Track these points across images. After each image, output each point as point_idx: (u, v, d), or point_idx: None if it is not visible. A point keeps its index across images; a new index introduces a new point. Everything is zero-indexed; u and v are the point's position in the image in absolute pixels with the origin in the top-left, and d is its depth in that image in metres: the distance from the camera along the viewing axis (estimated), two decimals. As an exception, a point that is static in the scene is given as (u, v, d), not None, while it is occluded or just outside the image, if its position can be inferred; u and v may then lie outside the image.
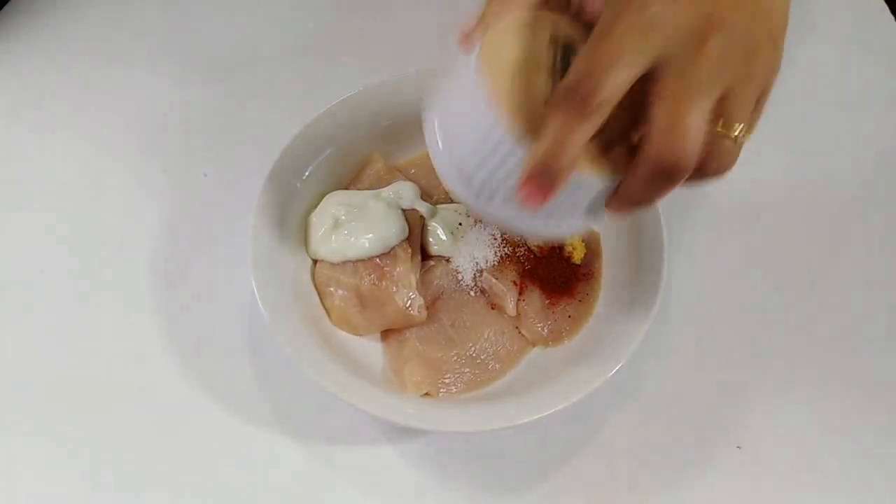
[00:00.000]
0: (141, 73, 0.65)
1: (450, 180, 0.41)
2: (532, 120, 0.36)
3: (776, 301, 0.57)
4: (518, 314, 0.53)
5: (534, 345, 0.53)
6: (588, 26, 0.39)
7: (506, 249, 0.54)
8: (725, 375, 0.54)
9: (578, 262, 0.54)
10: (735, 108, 0.36)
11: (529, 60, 0.38)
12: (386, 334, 0.53)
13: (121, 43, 0.67)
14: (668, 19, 0.34)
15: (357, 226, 0.53)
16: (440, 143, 0.41)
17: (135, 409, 0.51)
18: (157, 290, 0.55)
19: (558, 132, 0.35)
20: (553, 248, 0.54)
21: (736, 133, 0.36)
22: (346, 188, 0.57)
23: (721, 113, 0.35)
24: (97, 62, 0.66)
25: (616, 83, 0.34)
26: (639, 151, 0.36)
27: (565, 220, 0.41)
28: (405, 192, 0.55)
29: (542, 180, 0.36)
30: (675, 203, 0.58)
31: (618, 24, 0.34)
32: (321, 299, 0.52)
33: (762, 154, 0.64)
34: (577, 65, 0.35)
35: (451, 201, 0.57)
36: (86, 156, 0.61)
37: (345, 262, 0.53)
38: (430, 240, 0.54)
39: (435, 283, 0.53)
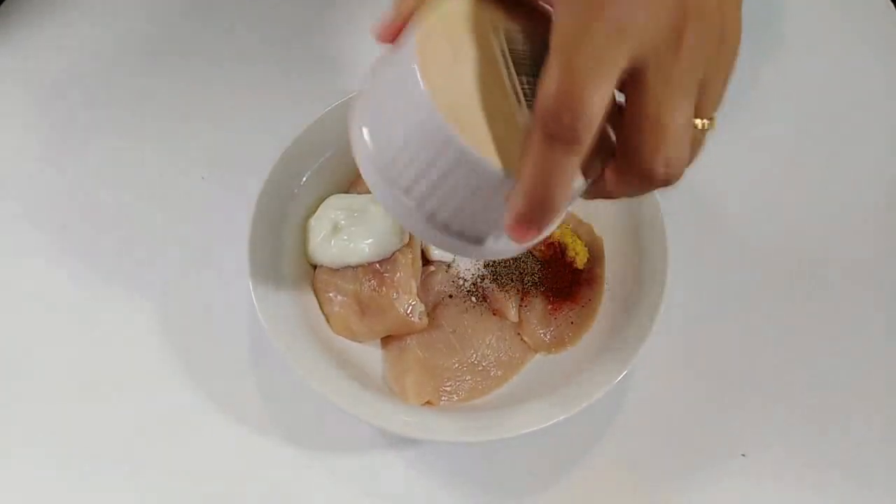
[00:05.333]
0: (140, 74, 0.64)
1: (378, 190, 0.36)
2: (497, 140, 0.33)
3: (783, 307, 0.56)
4: (520, 320, 0.52)
5: (536, 351, 0.52)
6: (526, 8, 0.36)
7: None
8: (730, 383, 0.54)
9: (581, 267, 0.54)
10: (709, 100, 0.34)
11: (478, 62, 0.34)
12: (386, 341, 0.52)
13: (120, 43, 0.66)
14: (642, 18, 0.31)
15: (357, 231, 0.52)
16: (369, 147, 0.35)
17: (133, 414, 0.51)
18: (154, 295, 0.54)
19: (548, 166, 0.31)
20: (556, 252, 0.54)
21: (705, 125, 0.34)
22: (346, 192, 0.56)
23: (697, 106, 0.33)
24: (96, 62, 0.65)
25: (599, 100, 0.30)
26: (619, 160, 0.33)
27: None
28: (406, 197, 0.54)
29: (535, 219, 0.33)
30: (678, 206, 0.58)
31: (588, 32, 0.30)
32: (320, 305, 0.52)
33: (766, 155, 0.64)
34: (551, 84, 0.30)
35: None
36: (83, 157, 0.60)
37: (344, 268, 0.52)
38: (431, 245, 0.54)
39: (436, 289, 0.53)
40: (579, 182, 0.34)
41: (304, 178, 0.54)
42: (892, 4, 0.72)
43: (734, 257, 0.58)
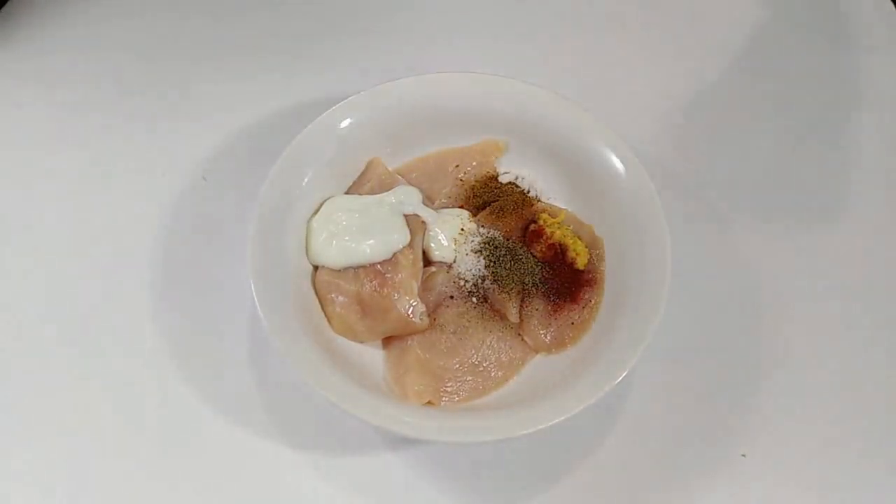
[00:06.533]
0: (141, 74, 0.65)
1: None
2: None
3: (782, 307, 0.57)
4: (521, 321, 0.52)
5: (536, 352, 0.52)
6: None
7: (508, 255, 0.54)
8: (730, 382, 0.54)
9: (582, 267, 0.54)
10: None
11: None
12: (387, 341, 0.52)
13: (121, 44, 0.66)
14: None
15: (358, 231, 0.52)
16: None
17: (132, 414, 0.51)
18: (155, 296, 0.55)
19: None
20: (556, 253, 0.54)
21: None
22: (347, 193, 0.56)
23: None
24: (97, 63, 0.65)
25: None
26: None
27: None
28: (407, 197, 0.54)
29: None
30: (678, 205, 0.58)
31: None
32: (322, 306, 0.52)
33: (768, 155, 0.64)
34: None
35: (453, 206, 0.57)
36: (84, 158, 0.60)
37: (346, 269, 0.52)
38: (432, 245, 0.54)
39: (437, 289, 0.53)
40: None
41: (306, 179, 0.54)
42: (892, 4, 0.72)
43: (735, 258, 0.58)
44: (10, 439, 0.50)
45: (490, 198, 0.56)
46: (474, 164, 0.58)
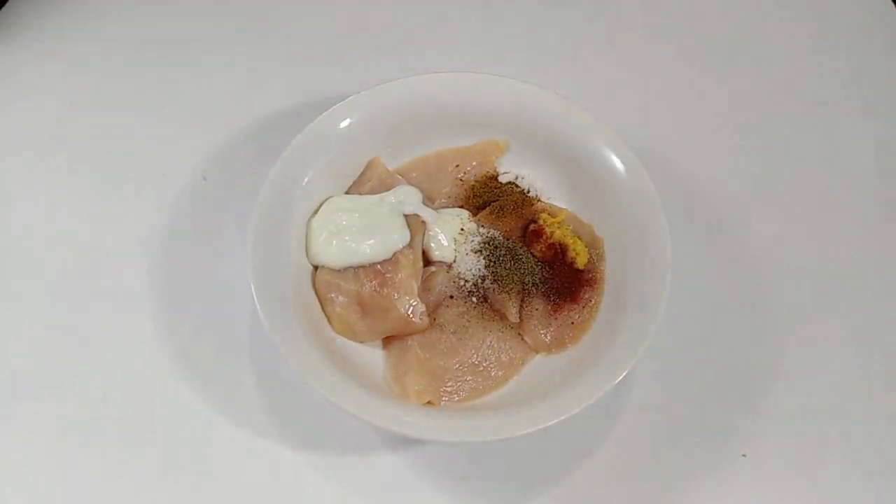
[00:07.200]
0: (142, 74, 0.65)
1: None
2: None
3: (782, 307, 0.57)
4: (521, 321, 0.52)
5: (536, 352, 0.52)
6: None
7: (508, 255, 0.54)
8: (730, 383, 0.54)
9: (582, 267, 0.54)
10: None
11: None
12: (387, 341, 0.52)
13: (121, 44, 0.66)
14: None
15: (358, 231, 0.52)
16: None
17: (132, 415, 0.51)
18: (155, 296, 0.55)
19: None
20: (556, 253, 0.54)
21: None
22: (348, 193, 0.56)
23: None
24: (97, 63, 0.65)
25: None
26: None
27: None
28: (407, 197, 0.54)
29: None
30: (679, 207, 0.58)
31: None
32: (322, 306, 0.52)
33: (766, 154, 0.64)
34: None
35: (453, 206, 0.57)
36: (84, 157, 0.60)
37: (346, 269, 0.52)
38: (432, 245, 0.54)
39: (437, 289, 0.53)
40: None
41: (306, 179, 0.54)
42: (892, 4, 0.72)
43: (735, 258, 0.58)
44: (10, 439, 0.50)
45: (490, 197, 0.56)
46: (474, 163, 0.58)
